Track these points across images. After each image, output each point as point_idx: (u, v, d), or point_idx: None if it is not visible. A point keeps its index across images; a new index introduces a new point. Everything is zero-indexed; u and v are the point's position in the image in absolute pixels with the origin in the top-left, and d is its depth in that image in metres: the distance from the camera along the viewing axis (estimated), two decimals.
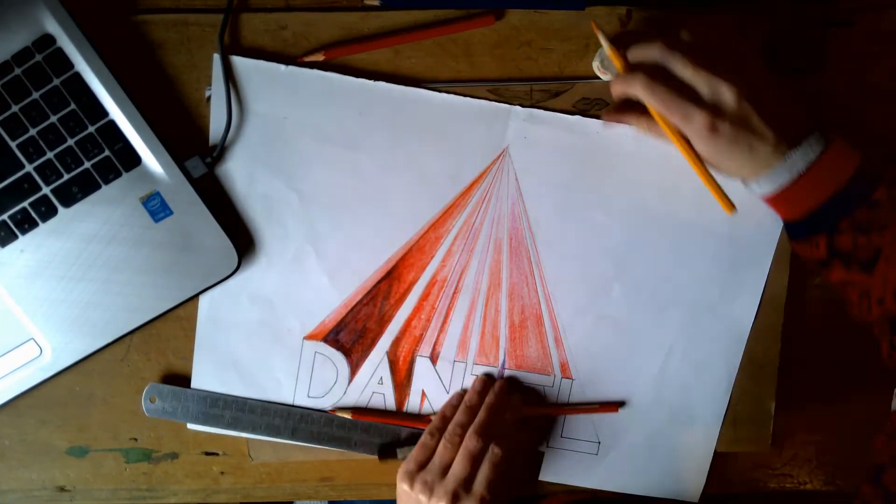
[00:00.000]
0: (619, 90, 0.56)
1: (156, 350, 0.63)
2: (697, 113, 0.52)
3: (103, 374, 0.63)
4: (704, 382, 0.64)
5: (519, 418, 0.63)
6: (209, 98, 0.60)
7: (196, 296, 0.60)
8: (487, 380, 0.64)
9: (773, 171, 0.53)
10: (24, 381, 0.60)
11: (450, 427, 0.61)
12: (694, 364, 0.64)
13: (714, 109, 0.52)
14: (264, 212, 0.61)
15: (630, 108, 0.58)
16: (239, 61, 0.59)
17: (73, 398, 0.63)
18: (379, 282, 0.63)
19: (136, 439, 0.64)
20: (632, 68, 0.55)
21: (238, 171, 0.61)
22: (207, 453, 0.65)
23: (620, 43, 0.56)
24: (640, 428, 0.65)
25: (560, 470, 0.65)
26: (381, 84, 0.60)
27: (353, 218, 0.62)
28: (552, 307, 0.63)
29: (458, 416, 0.61)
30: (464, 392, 0.64)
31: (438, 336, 0.64)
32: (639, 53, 0.55)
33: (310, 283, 0.63)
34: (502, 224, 0.63)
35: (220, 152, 0.60)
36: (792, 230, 0.57)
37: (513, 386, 0.64)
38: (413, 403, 0.64)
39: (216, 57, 0.59)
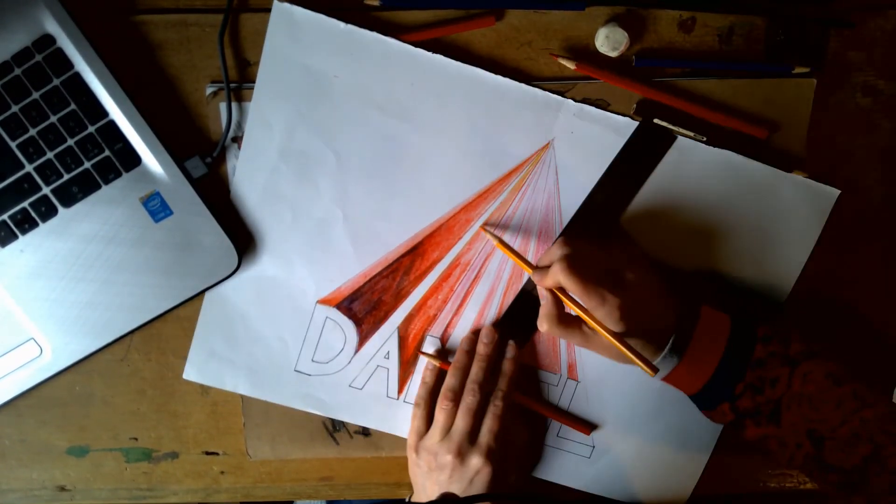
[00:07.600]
0: (539, 282, 0.56)
1: (156, 350, 0.63)
2: (611, 296, 0.53)
3: (103, 374, 0.63)
4: None
5: (516, 366, 0.62)
6: (209, 98, 0.60)
7: (196, 296, 0.60)
8: (473, 337, 0.63)
9: (659, 360, 0.55)
10: (24, 381, 0.60)
11: (442, 391, 0.61)
12: None
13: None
14: (299, 168, 0.61)
15: (568, 322, 0.56)
16: (298, 11, 0.58)
17: (73, 398, 0.63)
18: (402, 256, 0.62)
19: (136, 439, 0.64)
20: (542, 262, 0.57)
21: (278, 124, 0.60)
22: (207, 453, 0.65)
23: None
24: (634, 438, 0.65)
25: (552, 469, 0.65)
26: (439, 57, 0.59)
27: (387, 187, 0.61)
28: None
29: (448, 381, 0.61)
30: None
31: (452, 318, 0.63)
32: (544, 260, 0.57)
33: (332, 246, 0.62)
34: (535, 216, 0.62)
35: (220, 151, 0.60)
36: (697, 403, 0.59)
37: (503, 333, 0.63)
38: (415, 382, 0.64)
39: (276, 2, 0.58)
